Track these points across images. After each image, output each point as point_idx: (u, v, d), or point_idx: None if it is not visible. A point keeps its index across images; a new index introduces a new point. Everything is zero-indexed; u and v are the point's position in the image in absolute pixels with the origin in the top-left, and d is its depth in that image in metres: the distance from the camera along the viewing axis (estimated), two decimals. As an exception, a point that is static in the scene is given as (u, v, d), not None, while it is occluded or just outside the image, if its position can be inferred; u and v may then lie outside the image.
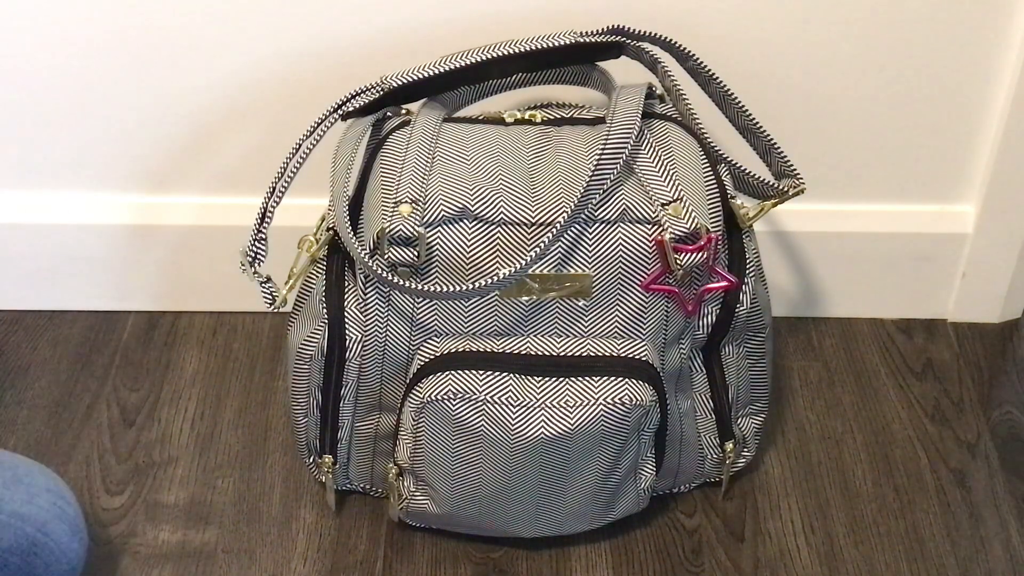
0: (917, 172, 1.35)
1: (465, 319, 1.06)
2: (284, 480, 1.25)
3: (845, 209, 1.37)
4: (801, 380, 1.36)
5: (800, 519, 1.22)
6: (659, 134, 1.09)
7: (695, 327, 1.10)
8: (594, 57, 1.16)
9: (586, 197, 1.02)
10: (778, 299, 1.39)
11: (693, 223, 1.03)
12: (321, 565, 1.17)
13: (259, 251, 1.07)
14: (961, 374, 1.37)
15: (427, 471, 1.09)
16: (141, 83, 1.27)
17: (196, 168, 1.34)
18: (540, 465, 1.07)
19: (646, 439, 1.09)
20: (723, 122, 1.17)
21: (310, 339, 1.11)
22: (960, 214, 1.37)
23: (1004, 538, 1.20)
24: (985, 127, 1.31)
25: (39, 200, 1.36)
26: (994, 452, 1.29)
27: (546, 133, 1.10)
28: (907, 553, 1.19)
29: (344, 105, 1.13)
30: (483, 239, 1.04)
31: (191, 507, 1.22)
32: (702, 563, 1.18)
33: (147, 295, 1.41)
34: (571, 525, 1.15)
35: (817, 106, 1.29)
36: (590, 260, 1.04)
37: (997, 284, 1.40)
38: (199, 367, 1.36)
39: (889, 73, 1.27)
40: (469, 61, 1.12)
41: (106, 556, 1.17)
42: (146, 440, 1.29)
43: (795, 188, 1.12)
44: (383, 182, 1.06)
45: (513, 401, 1.04)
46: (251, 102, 1.29)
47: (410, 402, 1.06)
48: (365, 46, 1.25)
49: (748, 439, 1.21)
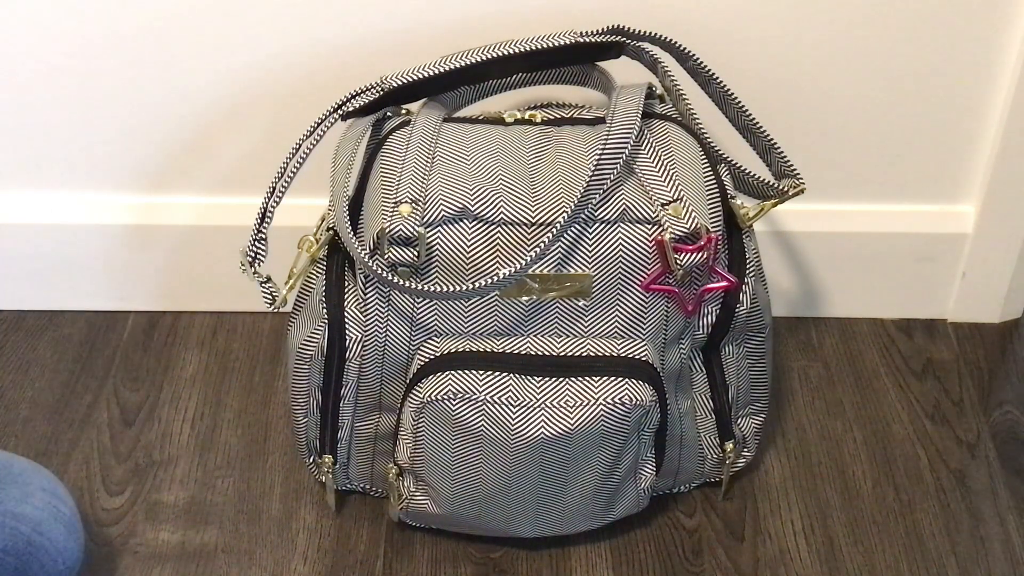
0: (917, 172, 1.35)
1: (465, 319, 1.06)
2: (284, 480, 1.25)
3: (845, 209, 1.37)
4: (801, 380, 1.36)
5: (800, 519, 1.22)
6: (659, 134, 1.09)
7: (695, 327, 1.10)
8: (594, 57, 1.16)
9: (586, 197, 1.02)
10: (778, 299, 1.39)
11: (693, 223, 1.03)
12: (321, 565, 1.17)
13: (259, 251, 1.08)
14: (961, 374, 1.37)
15: (427, 471, 1.09)
16: (141, 83, 1.27)
17: (196, 168, 1.34)
18: (540, 465, 1.07)
19: (646, 439, 1.09)
20: (723, 122, 1.17)
21: (310, 339, 1.11)
22: (960, 214, 1.37)
23: (1004, 538, 1.20)
24: (985, 127, 1.31)
25: (39, 200, 1.36)
26: (994, 452, 1.29)
27: (546, 133, 1.10)
28: (907, 553, 1.19)
29: (344, 105, 1.13)
30: (483, 239, 1.04)
31: (191, 507, 1.22)
32: (702, 563, 1.18)
33: (147, 295, 1.41)
34: (571, 525, 1.15)
35: (817, 106, 1.29)
36: (590, 260, 1.04)
37: (997, 284, 1.40)
38: (199, 367, 1.36)
39: (889, 73, 1.27)
40: (469, 61, 1.12)
41: (106, 556, 1.17)
42: (146, 440, 1.29)
43: (795, 188, 1.12)
44: (383, 182, 1.06)
45: (513, 401, 1.04)
46: (251, 102, 1.29)
47: (410, 402, 1.06)
48: (365, 46, 1.25)
49: (748, 439, 1.21)
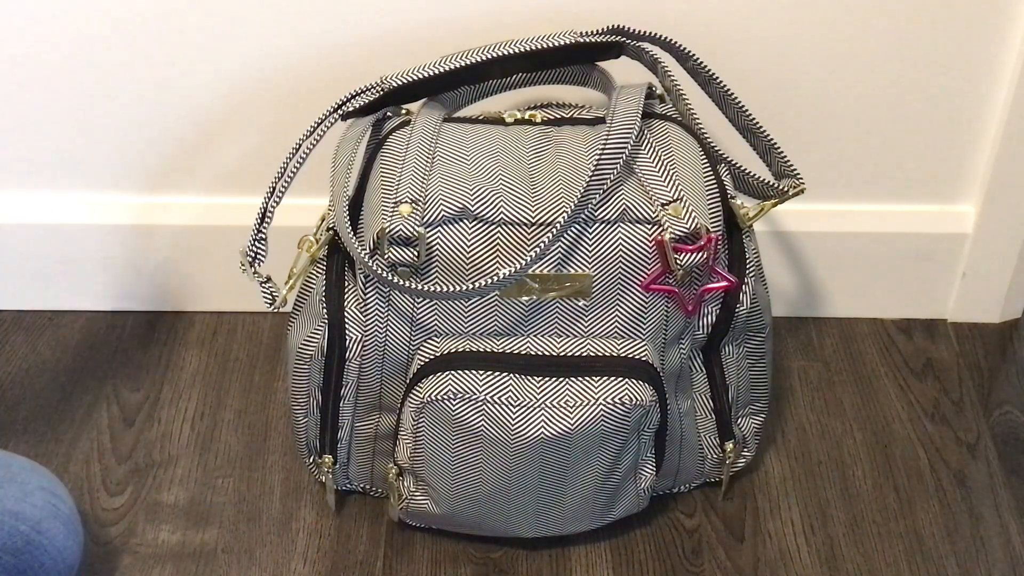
0: (917, 172, 1.35)
1: (465, 319, 1.06)
2: (284, 480, 1.25)
3: (845, 209, 1.37)
4: (801, 380, 1.36)
5: (800, 519, 1.22)
6: (659, 134, 1.09)
7: (695, 327, 1.10)
8: (594, 57, 1.16)
9: (586, 197, 1.02)
10: (778, 299, 1.39)
11: (693, 223, 1.03)
12: (321, 565, 1.17)
13: (259, 251, 1.07)
14: (961, 374, 1.37)
15: (427, 471, 1.09)
16: (141, 83, 1.27)
17: (196, 168, 1.34)
18: (540, 465, 1.07)
19: (646, 439, 1.09)
20: (723, 122, 1.17)
21: (310, 339, 1.11)
22: (960, 214, 1.37)
23: (1004, 538, 1.20)
24: (985, 127, 1.31)
25: (39, 200, 1.36)
26: (994, 452, 1.29)
27: (546, 133, 1.10)
28: (907, 553, 1.19)
29: (344, 105, 1.13)
30: (483, 239, 1.04)
31: (191, 507, 1.22)
32: (702, 563, 1.18)
33: (147, 295, 1.41)
34: (571, 525, 1.15)
35: (816, 106, 1.29)
36: (590, 260, 1.04)
37: (997, 284, 1.40)
38: (199, 367, 1.36)
39: (889, 73, 1.27)
40: (469, 61, 1.12)
41: (106, 556, 1.17)
42: (146, 440, 1.29)
43: (795, 188, 1.12)
44: (383, 182, 1.06)
45: (513, 401, 1.04)
46: (251, 102, 1.29)
47: (410, 402, 1.06)
48: (365, 46, 1.25)
49: (748, 439, 1.21)
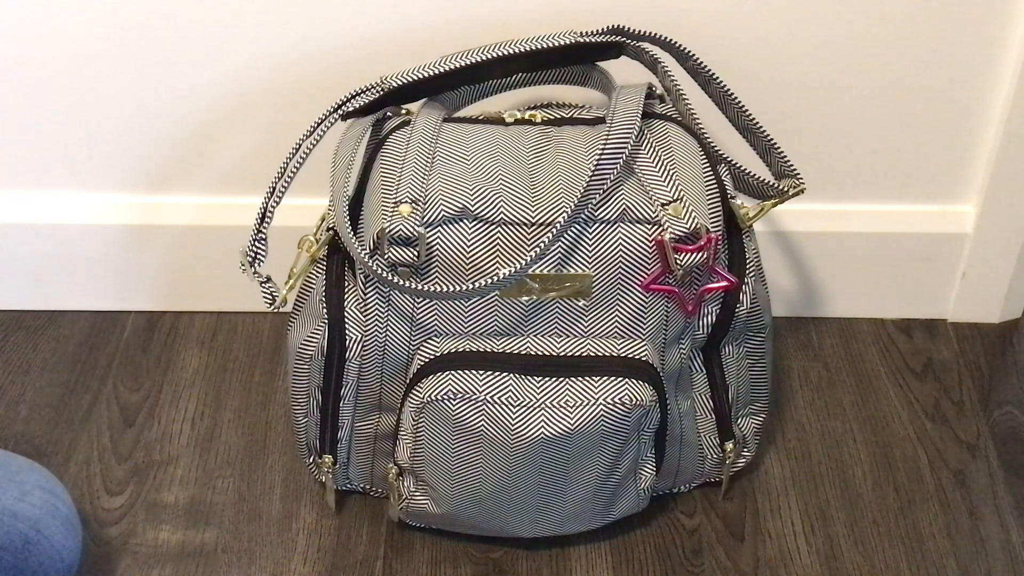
0: (917, 172, 1.35)
1: (465, 319, 1.06)
2: (284, 480, 1.25)
3: (845, 209, 1.37)
4: (801, 380, 1.36)
5: (800, 519, 1.22)
6: (659, 134, 1.09)
7: (695, 327, 1.10)
8: (594, 57, 1.16)
9: (586, 197, 1.02)
10: (778, 299, 1.39)
11: (693, 223, 1.03)
12: (321, 565, 1.17)
13: (259, 251, 1.07)
14: (961, 374, 1.37)
15: (427, 471, 1.09)
16: (141, 83, 1.27)
17: (196, 168, 1.34)
18: (540, 465, 1.07)
19: (646, 439, 1.09)
20: (723, 122, 1.17)
21: (310, 339, 1.11)
22: (960, 214, 1.37)
23: (1004, 538, 1.20)
24: (985, 127, 1.31)
25: (39, 200, 1.36)
26: (994, 452, 1.29)
27: (546, 133, 1.10)
28: (907, 553, 1.19)
29: (344, 105, 1.13)
30: (483, 239, 1.04)
31: (191, 507, 1.22)
32: (702, 563, 1.18)
33: (147, 295, 1.41)
34: (571, 525, 1.14)
35: (817, 106, 1.29)
36: (590, 260, 1.04)
37: (997, 284, 1.40)
38: (199, 367, 1.36)
39: (889, 73, 1.27)
40: (469, 61, 1.12)
41: (106, 556, 1.17)
42: (146, 440, 1.29)
43: (795, 188, 1.12)
44: (383, 182, 1.06)
45: (513, 401, 1.04)
46: (251, 102, 1.29)
47: (410, 402, 1.06)
48: (365, 46, 1.25)
49: (748, 439, 1.21)
